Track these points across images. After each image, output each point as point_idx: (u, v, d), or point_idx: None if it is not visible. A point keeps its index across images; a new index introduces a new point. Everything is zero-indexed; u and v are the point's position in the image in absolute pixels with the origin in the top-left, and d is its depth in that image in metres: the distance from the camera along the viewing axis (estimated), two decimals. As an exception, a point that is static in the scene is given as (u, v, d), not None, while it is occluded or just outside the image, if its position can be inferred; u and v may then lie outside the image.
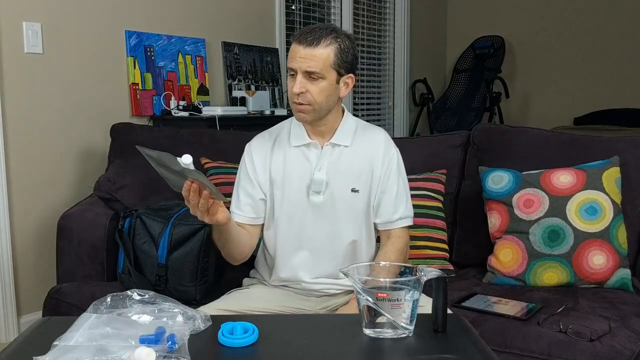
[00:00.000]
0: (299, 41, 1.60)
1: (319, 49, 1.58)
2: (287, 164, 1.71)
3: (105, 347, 1.07)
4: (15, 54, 2.63)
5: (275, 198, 1.71)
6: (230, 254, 1.69)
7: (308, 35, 1.59)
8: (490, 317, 1.72)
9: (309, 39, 1.59)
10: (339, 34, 1.62)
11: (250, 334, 1.17)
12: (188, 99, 3.31)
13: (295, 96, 1.61)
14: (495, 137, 2.29)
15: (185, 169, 1.35)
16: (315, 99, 1.61)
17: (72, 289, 2.09)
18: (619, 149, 2.09)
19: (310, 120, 1.66)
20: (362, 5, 4.88)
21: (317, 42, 1.58)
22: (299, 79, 1.60)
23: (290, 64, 1.61)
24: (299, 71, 1.60)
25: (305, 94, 1.60)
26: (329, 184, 1.68)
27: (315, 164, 1.70)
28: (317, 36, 1.59)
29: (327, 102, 1.64)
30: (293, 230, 1.70)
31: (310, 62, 1.58)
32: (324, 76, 1.60)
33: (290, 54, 1.62)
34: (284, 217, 1.71)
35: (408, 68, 5.41)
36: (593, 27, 5.45)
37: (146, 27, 3.14)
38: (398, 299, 1.17)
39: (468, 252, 2.25)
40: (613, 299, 1.83)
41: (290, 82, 1.63)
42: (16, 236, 2.67)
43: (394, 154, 1.75)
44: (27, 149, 2.69)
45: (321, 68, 1.59)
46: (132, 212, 1.97)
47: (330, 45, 1.59)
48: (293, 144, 1.72)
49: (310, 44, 1.58)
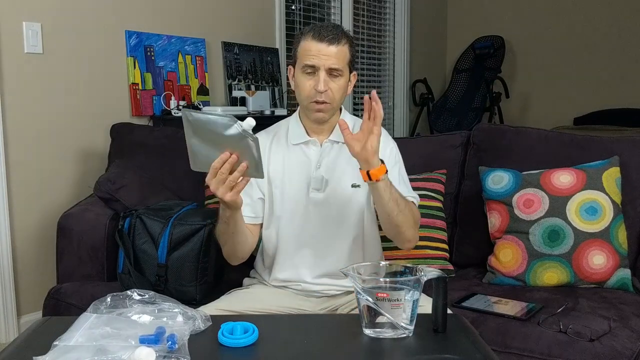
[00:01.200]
0: (319, 38, 1.58)
1: (340, 46, 1.59)
2: (286, 162, 1.71)
3: (105, 347, 1.07)
4: (15, 54, 2.63)
5: (275, 197, 1.71)
6: (233, 250, 1.66)
7: (326, 32, 1.59)
8: (490, 317, 1.72)
9: (329, 37, 1.58)
10: (347, 32, 1.64)
11: (250, 334, 1.17)
12: (188, 99, 3.31)
13: (317, 94, 1.60)
14: (495, 137, 2.29)
15: (242, 133, 1.30)
16: (335, 96, 1.62)
17: (72, 289, 2.09)
18: (619, 149, 2.09)
19: (327, 119, 1.67)
20: (362, 5, 4.88)
21: (337, 39, 1.59)
22: (322, 76, 1.59)
23: (311, 61, 1.59)
24: (322, 68, 1.59)
25: (327, 92, 1.60)
26: (329, 181, 1.68)
27: (314, 161, 1.70)
28: (336, 34, 1.59)
29: (341, 99, 1.66)
30: (294, 229, 1.70)
31: (334, 59, 1.59)
32: (343, 73, 1.62)
33: (307, 51, 1.60)
34: (285, 216, 1.70)
35: (408, 68, 5.41)
36: (593, 27, 5.45)
37: (146, 27, 3.14)
38: (398, 299, 1.17)
39: (468, 252, 2.25)
40: (613, 299, 1.83)
41: (307, 80, 1.61)
42: (16, 236, 2.67)
43: (392, 147, 1.75)
44: (27, 149, 2.69)
45: (343, 65, 1.61)
46: (132, 212, 1.97)
47: (347, 43, 1.62)
48: (292, 142, 1.72)
49: (332, 42, 1.58)
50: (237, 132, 1.31)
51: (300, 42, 1.63)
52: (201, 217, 1.92)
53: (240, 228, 1.59)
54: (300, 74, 1.63)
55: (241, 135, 1.31)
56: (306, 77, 1.61)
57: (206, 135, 1.35)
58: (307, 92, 1.62)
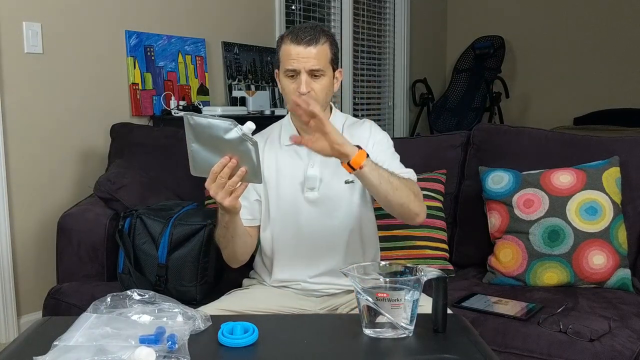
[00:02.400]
0: (296, 41, 1.60)
1: (319, 46, 1.60)
2: (279, 163, 1.72)
3: (105, 347, 1.07)
4: (15, 54, 2.63)
5: (270, 198, 1.72)
6: (233, 253, 1.67)
7: (304, 34, 1.59)
8: (490, 317, 1.72)
9: (307, 38, 1.59)
10: (326, 31, 1.65)
11: (250, 334, 1.17)
12: (188, 99, 3.31)
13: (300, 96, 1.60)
14: (495, 137, 2.29)
15: (242, 137, 1.30)
16: (318, 96, 1.62)
17: (72, 289, 2.09)
18: (619, 149, 2.09)
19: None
20: (362, 5, 4.88)
21: (315, 40, 1.60)
22: (304, 78, 1.60)
23: (291, 65, 1.60)
24: (303, 71, 1.60)
25: (310, 93, 1.61)
26: (323, 179, 1.69)
27: (307, 160, 1.70)
28: (314, 34, 1.60)
29: (327, 98, 1.66)
30: (290, 229, 1.70)
31: (314, 60, 1.59)
32: (325, 73, 1.62)
33: (286, 55, 1.61)
34: (280, 217, 1.71)
35: (408, 68, 5.41)
36: (593, 27, 5.45)
37: (146, 27, 3.14)
38: (398, 299, 1.17)
39: (468, 252, 2.25)
40: (613, 299, 1.83)
41: (290, 83, 1.62)
42: (16, 236, 2.67)
43: (382, 138, 1.74)
44: (27, 149, 2.69)
45: (323, 65, 1.61)
46: (132, 212, 1.97)
47: (326, 42, 1.63)
48: (284, 143, 1.73)
49: (310, 43, 1.59)
50: (237, 135, 1.31)
51: (281, 46, 1.64)
52: (201, 218, 1.92)
53: (239, 231, 1.60)
54: (284, 77, 1.64)
55: (241, 138, 1.32)
56: (289, 80, 1.63)
57: (207, 139, 1.36)
58: (291, 95, 1.63)
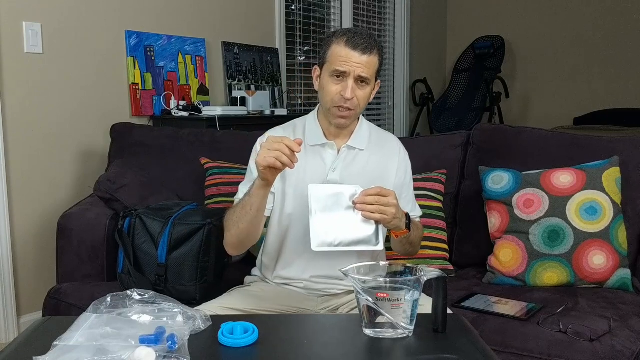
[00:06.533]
0: (352, 46, 1.59)
1: (372, 56, 1.62)
2: (301, 162, 1.71)
3: (105, 347, 1.06)
4: (15, 54, 2.63)
5: (287, 195, 1.71)
6: (246, 232, 1.62)
7: (361, 41, 1.60)
8: (490, 317, 1.72)
9: (363, 46, 1.59)
10: (378, 42, 1.66)
11: (250, 334, 1.17)
12: (188, 99, 3.31)
13: (343, 100, 1.61)
14: (495, 137, 2.29)
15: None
16: (360, 104, 1.64)
17: (72, 289, 2.09)
18: (619, 149, 2.09)
19: (348, 125, 1.69)
20: (362, 5, 4.88)
21: (370, 49, 1.61)
22: (350, 83, 1.60)
23: (342, 67, 1.60)
24: (352, 75, 1.60)
25: (353, 100, 1.62)
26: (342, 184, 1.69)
27: (330, 164, 1.71)
28: (370, 43, 1.61)
29: (364, 107, 1.68)
30: (303, 228, 1.70)
31: (365, 68, 1.60)
32: (370, 82, 1.64)
33: (338, 56, 1.60)
34: (297, 214, 1.71)
35: (408, 68, 5.41)
36: (593, 27, 5.45)
37: (146, 27, 3.14)
38: (398, 299, 1.17)
39: (468, 252, 2.25)
40: (613, 299, 1.83)
41: (335, 84, 1.62)
42: (16, 236, 2.67)
43: (408, 162, 1.81)
44: (27, 149, 2.69)
45: (371, 74, 1.63)
46: (132, 212, 1.97)
47: (377, 53, 1.64)
48: (309, 143, 1.72)
49: (365, 51, 1.60)
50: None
51: (331, 45, 1.63)
52: (201, 217, 1.92)
53: (263, 207, 1.59)
54: (328, 77, 1.63)
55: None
56: (334, 81, 1.62)
57: (328, 205, 1.47)
58: (332, 97, 1.63)
